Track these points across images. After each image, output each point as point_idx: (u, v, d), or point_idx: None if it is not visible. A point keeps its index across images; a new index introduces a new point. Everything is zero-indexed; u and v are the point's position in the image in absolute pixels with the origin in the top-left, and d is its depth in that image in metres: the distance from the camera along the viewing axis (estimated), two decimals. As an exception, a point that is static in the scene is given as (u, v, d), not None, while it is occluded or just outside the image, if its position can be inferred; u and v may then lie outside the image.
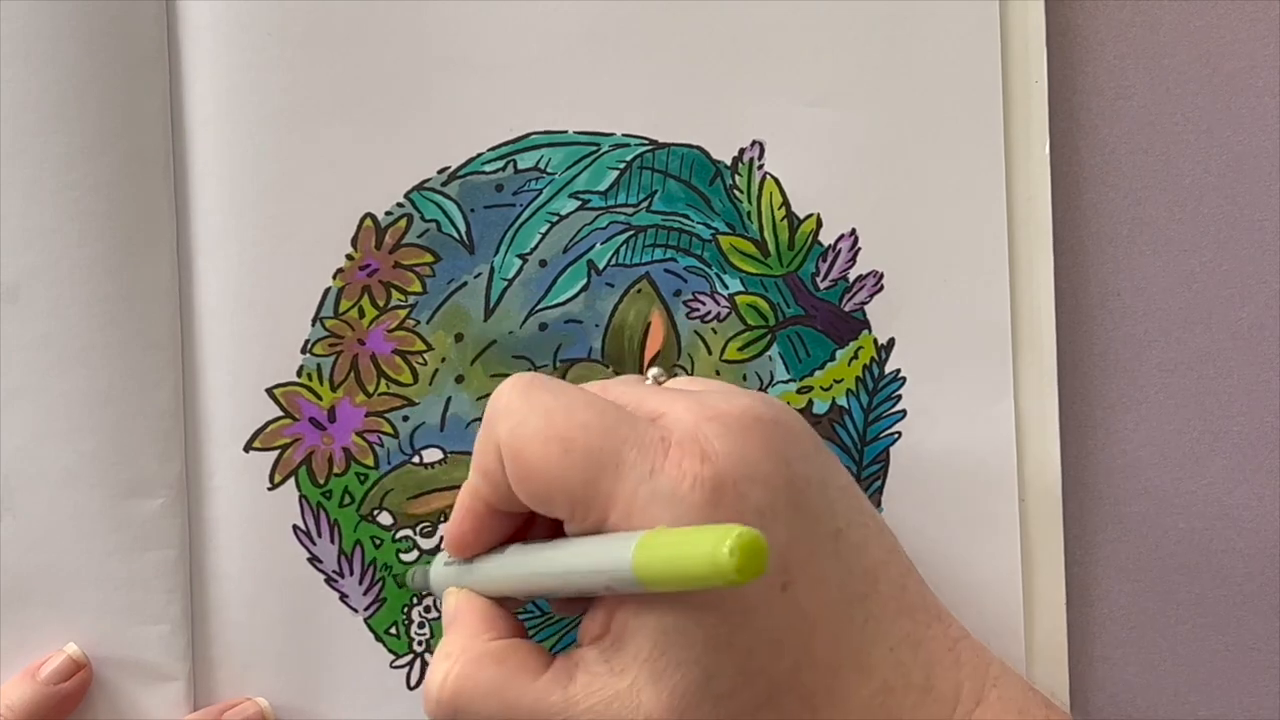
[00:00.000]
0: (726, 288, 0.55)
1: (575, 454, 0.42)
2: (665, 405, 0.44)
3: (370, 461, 0.54)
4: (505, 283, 0.54)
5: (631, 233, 0.55)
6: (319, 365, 0.54)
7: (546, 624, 0.55)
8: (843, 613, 0.43)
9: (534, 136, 0.54)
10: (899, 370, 0.55)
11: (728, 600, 0.41)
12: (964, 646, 0.45)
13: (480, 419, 0.53)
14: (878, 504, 0.55)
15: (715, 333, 0.55)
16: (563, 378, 0.54)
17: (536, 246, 0.54)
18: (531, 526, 0.47)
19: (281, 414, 0.54)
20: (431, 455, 0.54)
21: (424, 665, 0.55)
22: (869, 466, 0.55)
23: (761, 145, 0.55)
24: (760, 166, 0.55)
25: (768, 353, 0.55)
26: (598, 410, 0.43)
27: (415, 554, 0.54)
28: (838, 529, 0.43)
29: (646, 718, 0.41)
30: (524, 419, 0.43)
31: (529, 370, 0.54)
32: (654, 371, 0.49)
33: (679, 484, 0.41)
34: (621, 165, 0.55)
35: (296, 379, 0.54)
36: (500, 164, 0.54)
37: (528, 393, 0.44)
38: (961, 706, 0.44)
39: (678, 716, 0.41)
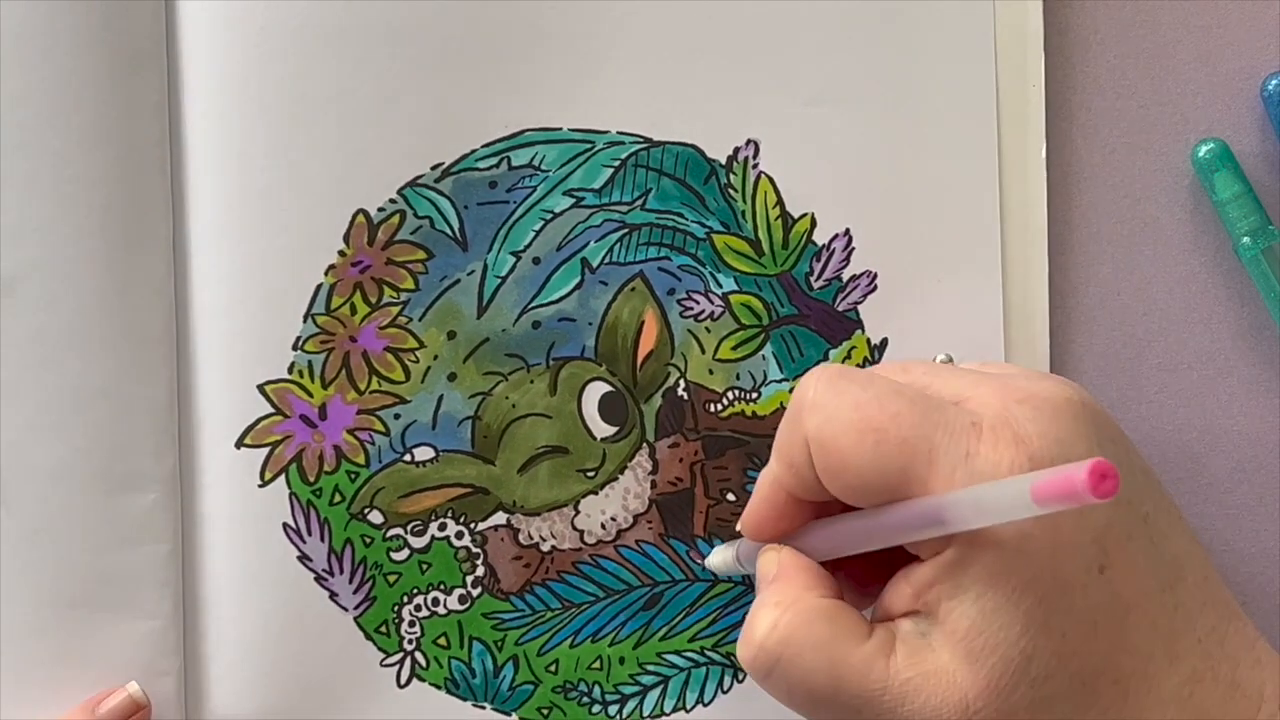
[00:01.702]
0: (720, 286, 0.55)
1: (889, 444, 0.42)
2: (969, 389, 0.44)
3: (361, 459, 0.54)
4: (498, 280, 0.54)
5: (625, 231, 0.55)
6: (310, 362, 0.54)
7: (537, 623, 0.55)
8: (1155, 599, 0.43)
9: (528, 133, 0.55)
10: (892, 370, 0.55)
11: (1046, 582, 0.41)
12: (1262, 647, 0.45)
13: (471, 417, 0.54)
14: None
15: (709, 331, 0.55)
16: (555, 377, 0.54)
17: (530, 244, 0.55)
18: (828, 512, 0.47)
19: (272, 411, 0.54)
20: (423, 454, 0.55)
21: (414, 664, 0.55)
22: (861, 466, 0.55)
23: (756, 144, 0.55)
24: (755, 165, 0.55)
25: (761, 352, 0.55)
26: (907, 398, 0.43)
27: (406, 553, 0.54)
28: (1146, 514, 0.43)
29: (963, 697, 0.42)
30: (834, 412, 0.43)
31: (522, 368, 0.54)
32: (942, 356, 0.48)
33: (997, 466, 0.41)
34: (616, 163, 0.55)
35: (288, 376, 0.54)
36: (494, 160, 0.54)
37: (835, 384, 0.44)
38: (1266, 706, 0.43)
39: (995, 698, 0.41)
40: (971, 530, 0.41)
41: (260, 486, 0.54)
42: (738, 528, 0.49)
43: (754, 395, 0.55)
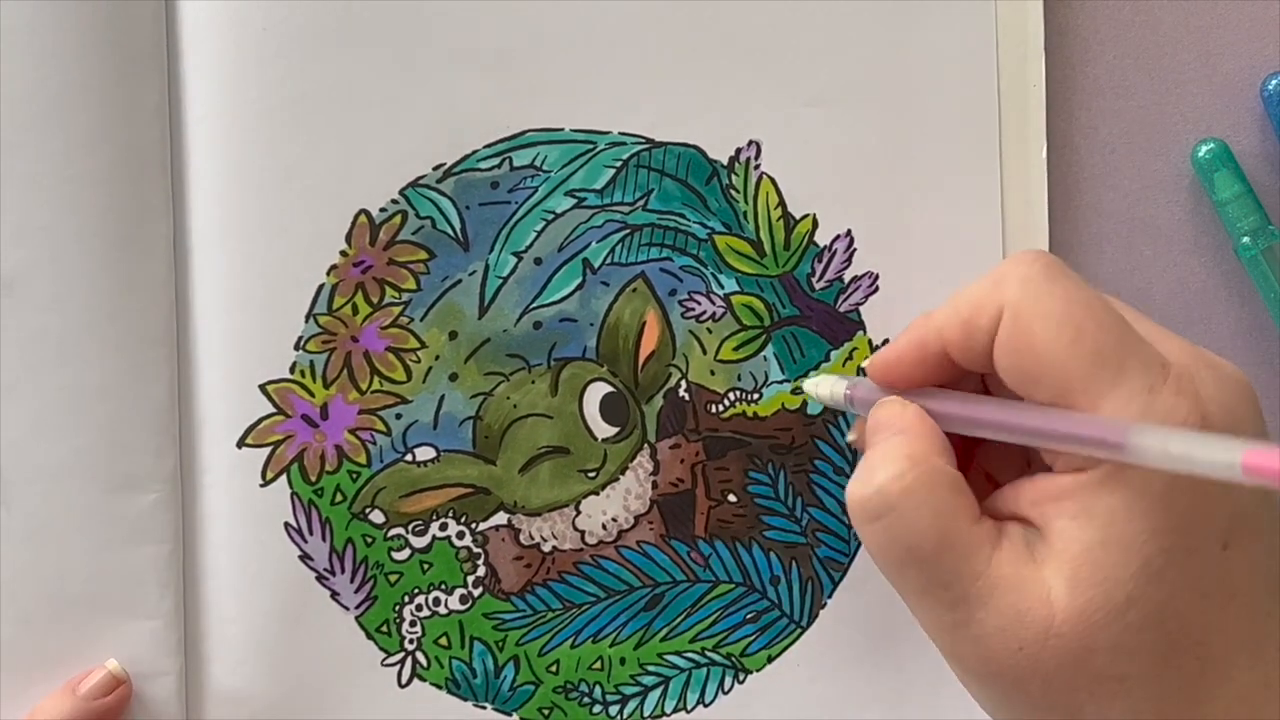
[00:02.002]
0: (722, 287, 0.55)
1: (1084, 346, 0.42)
2: (1163, 338, 0.44)
3: (362, 459, 0.54)
4: (500, 280, 0.55)
5: (627, 231, 0.55)
6: (312, 362, 0.54)
7: (538, 623, 0.55)
8: (1258, 596, 0.43)
9: (530, 134, 0.55)
10: (893, 371, 0.55)
11: (1175, 536, 0.41)
12: None
13: (473, 417, 0.54)
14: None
15: (710, 332, 0.55)
16: (557, 377, 0.54)
17: (532, 244, 0.55)
18: (958, 386, 0.47)
19: (274, 410, 0.54)
20: (424, 453, 0.55)
21: (415, 664, 0.55)
22: (862, 467, 0.55)
23: (758, 145, 0.55)
24: (757, 166, 0.55)
25: (763, 353, 0.55)
26: (1114, 316, 0.43)
27: (407, 552, 0.55)
28: (1276, 518, 0.43)
29: (1051, 614, 0.42)
30: (1042, 295, 0.43)
31: (524, 369, 0.54)
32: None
33: (1174, 411, 0.41)
34: (618, 164, 0.55)
35: (289, 375, 0.54)
36: (496, 161, 0.55)
37: (1050, 271, 0.44)
38: None
39: (1082, 628, 0.41)
40: (1126, 463, 0.41)
41: (262, 486, 0.54)
42: (863, 364, 0.49)
43: (755, 396, 0.55)
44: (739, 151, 0.55)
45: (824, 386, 0.53)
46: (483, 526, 0.55)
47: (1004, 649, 0.42)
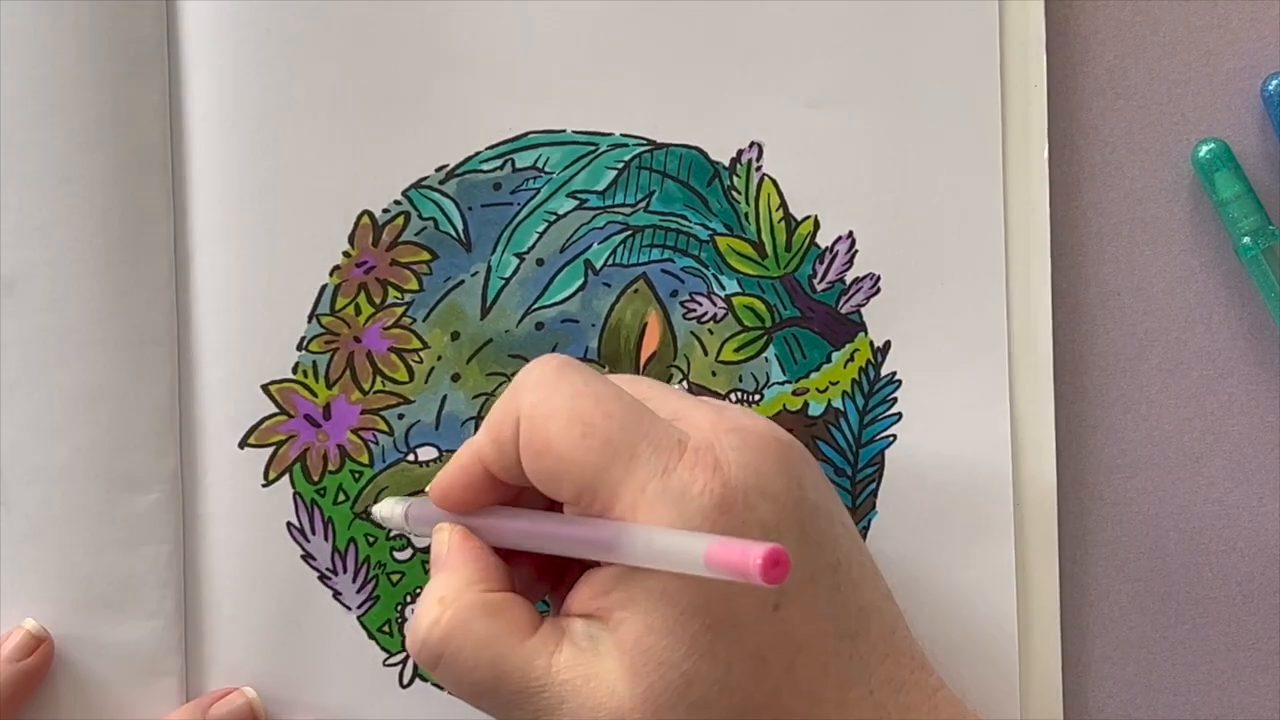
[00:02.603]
0: (723, 288, 0.55)
1: (593, 439, 0.43)
2: (686, 410, 0.45)
3: (365, 459, 0.55)
4: (502, 281, 0.55)
5: (629, 233, 0.55)
6: (315, 362, 0.54)
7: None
8: (831, 645, 0.43)
9: (532, 135, 0.55)
10: (895, 373, 0.56)
11: (716, 609, 0.42)
12: (942, 697, 0.46)
13: (475, 418, 0.54)
14: (872, 507, 0.56)
15: (712, 333, 0.55)
16: (558, 377, 0.54)
17: (534, 245, 0.55)
18: (519, 500, 0.48)
19: (276, 411, 0.54)
20: (426, 454, 0.55)
21: (416, 664, 0.55)
22: (864, 469, 0.56)
23: (760, 146, 0.55)
24: (758, 168, 0.55)
25: (764, 354, 0.56)
26: (623, 403, 0.44)
27: (409, 552, 0.55)
28: (837, 561, 0.44)
29: (619, 705, 0.42)
30: (550, 396, 0.44)
31: (525, 369, 0.55)
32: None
33: (690, 486, 0.42)
34: (619, 165, 0.55)
35: (292, 376, 0.54)
36: (498, 162, 0.55)
37: (560, 372, 0.45)
38: None
39: (652, 713, 0.42)
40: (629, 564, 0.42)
41: (264, 486, 0.54)
42: (426, 489, 0.50)
43: (756, 397, 0.56)
44: (740, 153, 0.55)
45: (385, 509, 0.53)
46: (484, 527, 0.55)
47: None
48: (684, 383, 0.56)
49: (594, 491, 0.43)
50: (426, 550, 0.55)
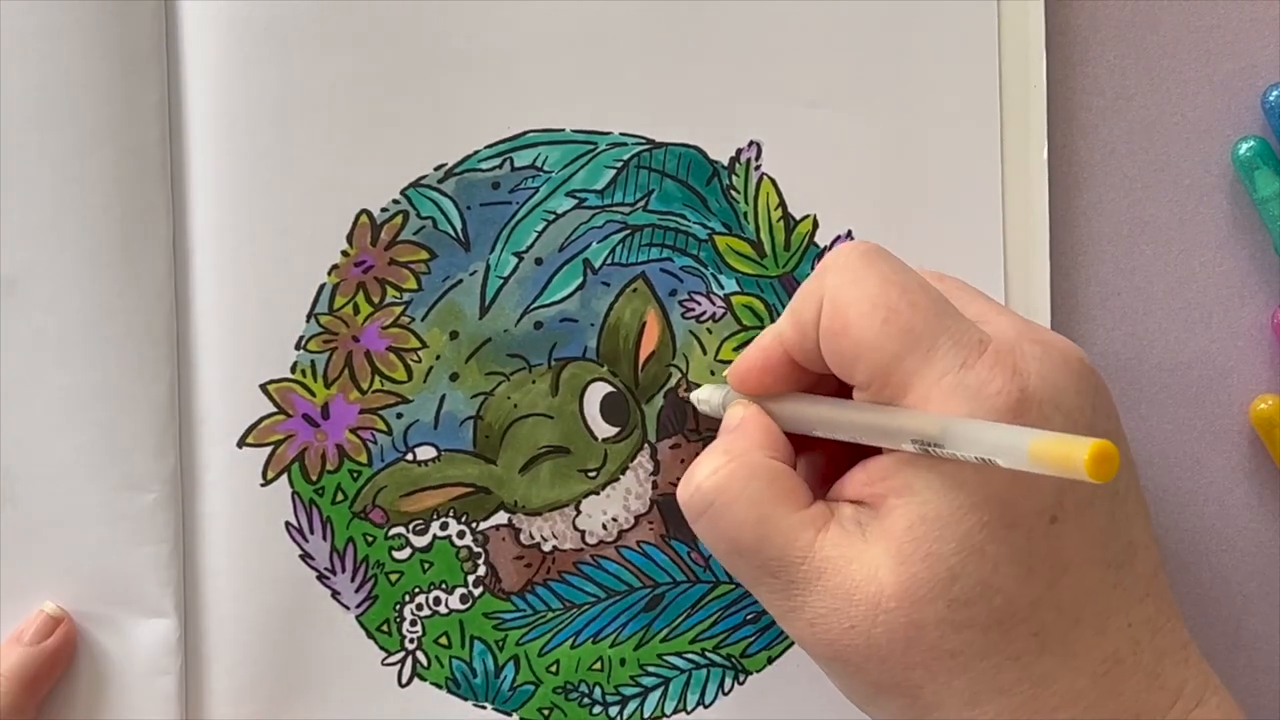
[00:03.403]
0: (722, 288, 0.56)
1: (895, 326, 0.43)
2: (991, 314, 0.46)
3: (363, 459, 0.55)
4: (501, 280, 0.55)
5: (628, 232, 0.55)
6: (313, 361, 0.55)
7: (539, 623, 0.55)
8: (1098, 570, 0.43)
9: (531, 134, 0.55)
10: (893, 371, 0.56)
11: (995, 509, 0.42)
12: (1193, 649, 0.46)
13: (473, 417, 0.54)
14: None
15: (710, 333, 0.56)
16: (557, 377, 0.55)
17: (532, 244, 0.55)
18: (819, 390, 0.48)
19: (275, 410, 0.54)
20: (425, 453, 0.55)
21: (415, 664, 0.55)
22: (862, 467, 0.56)
23: (759, 146, 0.55)
24: (757, 167, 0.55)
25: (763, 353, 0.56)
26: (929, 295, 0.44)
27: (408, 552, 0.55)
28: (1115, 490, 0.44)
29: (879, 591, 0.43)
30: (856, 279, 0.44)
31: (524, 369, 0.55)
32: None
33: (987, 384, 0.42)
34: (618, 164, 0.55)
35: (290, 375, 0.55)
36: (497, 161, 0.55)
37: (868, 257, 0.45)
38: (1182, 703, 0.44)
39: (910, 602, 0.42)
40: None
41: (262, 485, 0.55)
42: (725, 373, 0.50)
43: (756, 396, 0.56)
44: (739, 152, 0.56)
45: (704, 392, 0.54)
46: (483, 526, 0.56)
47: (837, 629, 0.43)
48: (683, 382, 0.56)
49: (887, 376, 0.43)
50: (425, 550, 0.55)
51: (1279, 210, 0.56)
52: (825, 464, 0.49)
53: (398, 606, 0.56)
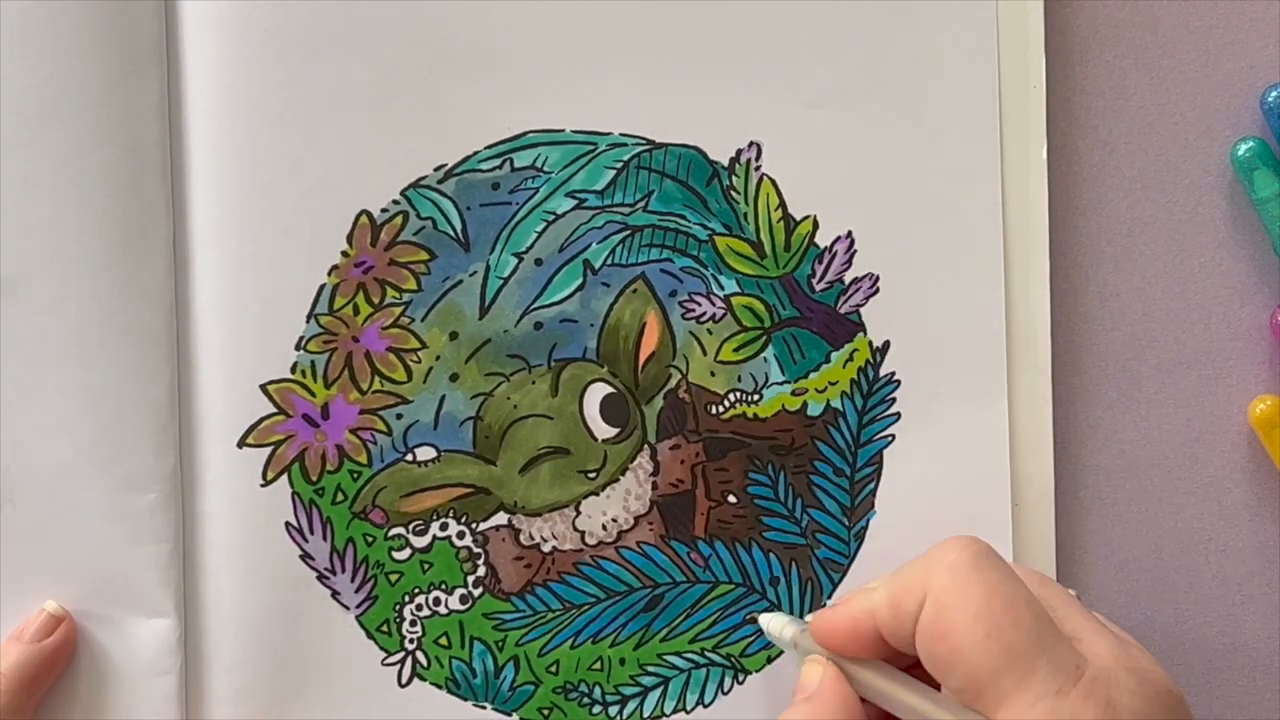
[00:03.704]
0: (722, 288, 0.56)
1: (996, 643, 0.43)
2: (1089, 634, 0.45)
3: (363, 459, 0.55)
4: (501, 281, 0.55)
5: (628, 232, 0.55)
6: (313, 362, 0.55)
7: (538, 623, 0.56)
8: None
9: (531, 135, 0.55)
10: (894, 373, 0.56)
11: None
12: None
13: (473, 418, 0.55)
14: (870, 507, 0.56)
15: (710, 333, 0.56)
16: (557, 378, 0.55)
17: (532, 245, 0.55)
18: (896, 660, 0.48)
19: (275, 410, 0.55)
20: (425, 453, 0.55)
21: (415, 664, 0.56)
22: (862, 469, 0.56)
23: (759, 146, 0.56)
24: (757, 168, 0.56)
25: (763, 354, 0.56)
26: (1033, 613, 0.44)
27: (408, 552, 0.55)
28: None
29: None
30: (965, 586, 0.45)
31: (524, 369, 0.55)
32: (1072, 593, 0.50)
33: (1079, 716, 0.42)
34: (618, 165, 0.55)
35: (290, 375, 0.55)
36: (497, 162, 0.55)
37: (978, 561, 0.45)
38: None
39: None
40: None
41: (262, 486, 0.55)
42: (810, 618, 0.50)
43: (755, 397, 0.56)
44: (739, 153, 0.56)
45: (773, 623, 0.54)
46: (483, 526, 0.56)
47: None
48: (683, 383, 0.56)
49: (981, 691, 0.43)
50: (425, 550, 0.55)
51: (1278, 210, 0.56)
52: None
53: (397, 607, 0.56)
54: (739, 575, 0.56)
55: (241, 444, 0.55)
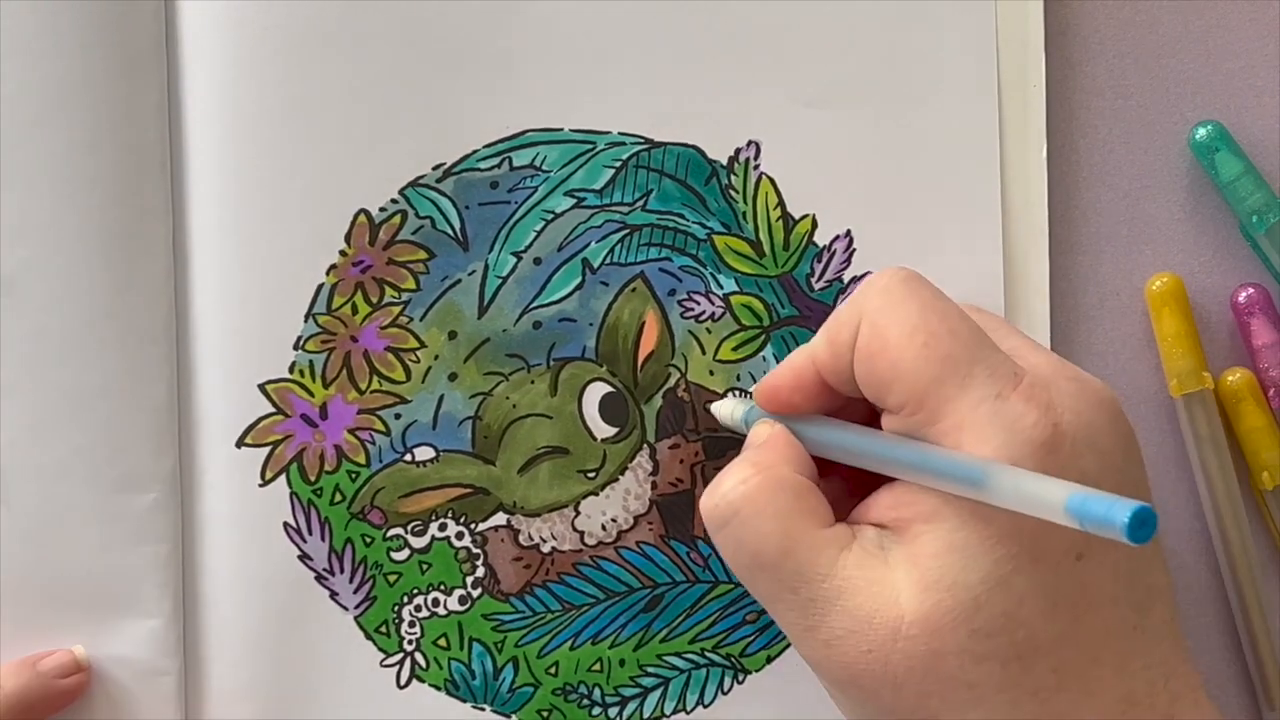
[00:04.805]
0: (721, 287, 0.56)
1: (934, 351, 0.44)
2: (1025, 350, 0.46)
3: (362, 459, 0.55)
4: (499, 280, 0.55)
5: (626, 231, 0.56)
6: (311, 362, 0.55)
7: (538, 624, 0.56)
8: (1120, 610, 0.44)
9: (530, 134, 0.55)
10: (892, 370, 0.56)
11: (1023, 543, 0.42)
12: (1204, 696, 0.46)
13: (472, 417, 0.55)
14: (869, 504, 0.56)
15: (709, 332, 0.56)
16: (556, 377, 0.55)
17: (531, 244, 0.55)
18: (843, 415, 0.49)
19: (273, 410, 0.55)
20: (423, 453, 0.55)
21: (414, 665, 0.56)
22: (861, 466, 0.56)
23: (758, 145, 0.56)
24: (756, 166, 0.56)
25: (762, 353, 0.56)
26: (968, 325, 0.45)
27: (406, 553, 0.55)
28: None
29: (899, 616, 0.43)
30: (898, 303, 0.45)
31: (523, 369, 0.55)
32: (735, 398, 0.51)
33: (1022, 417, 0.42)
34: (617, 164, 0.56)
35: (289, 375, 0.55)
36: (495, 161, 0.55)
37: (909, 283, 0.46)
38: None
39: (931, 630, 0.42)
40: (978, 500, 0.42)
41: (261, 486, 0.55)
42: (751, 388, 0.51)
43: (755, 396, 0.56)
44: (738, 151, 0.56)
45: (725, 407, 0.54)
46: (482, 527, 0.56)
47: (853, 651, 0.43)
48: (682, 382, 0.56)
49: (921, 401, 0.44)
50: (423, 551, 0.55)
51: (1243, 191, 0.56)
52: (844, 486, 0.50)
53: (396, 608, 0.56)
54: (739, 575, 0.57)
55: (240, 444, 0.55)
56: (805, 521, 0.45)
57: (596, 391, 0.56)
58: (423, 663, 0.56)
